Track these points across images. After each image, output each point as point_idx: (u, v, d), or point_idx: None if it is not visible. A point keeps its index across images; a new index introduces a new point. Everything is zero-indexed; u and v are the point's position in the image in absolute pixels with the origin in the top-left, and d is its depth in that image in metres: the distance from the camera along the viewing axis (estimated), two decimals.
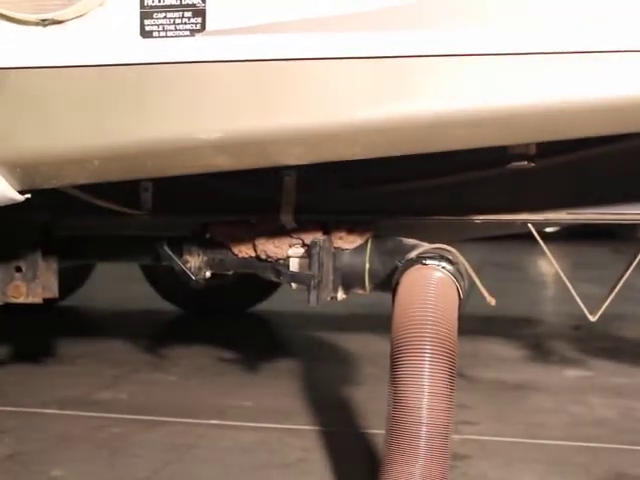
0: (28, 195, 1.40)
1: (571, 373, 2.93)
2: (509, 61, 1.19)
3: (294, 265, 1.77)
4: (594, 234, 7.61)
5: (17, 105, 1.31)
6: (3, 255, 1.92)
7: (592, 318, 1.79)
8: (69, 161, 1.32)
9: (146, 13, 1.26)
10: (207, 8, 1.25)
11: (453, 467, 1.83)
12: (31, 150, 1.31)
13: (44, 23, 1.28)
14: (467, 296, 1.62)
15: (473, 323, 3.61)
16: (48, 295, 1.98)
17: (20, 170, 1.34)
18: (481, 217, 1.79)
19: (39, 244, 1.93)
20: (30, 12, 1.27)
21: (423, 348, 1.40)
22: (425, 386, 1.38)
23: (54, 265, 1.97)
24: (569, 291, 1.81)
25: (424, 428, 1.36)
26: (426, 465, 1.35)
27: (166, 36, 1.26)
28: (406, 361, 1.41)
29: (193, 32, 1.25)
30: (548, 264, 6.34)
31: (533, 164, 1.62)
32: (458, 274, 1.57)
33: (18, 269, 1.92)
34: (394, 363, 1.43)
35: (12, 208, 1.42)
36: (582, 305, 1.79)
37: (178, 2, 1.25)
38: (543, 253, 1.83)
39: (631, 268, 1.86)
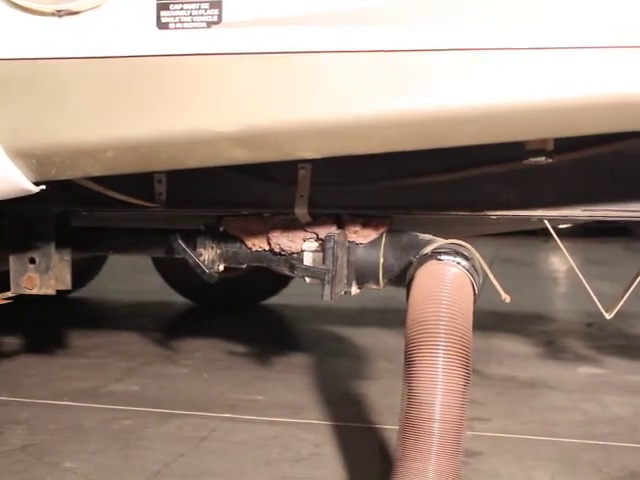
0: (43, 186, 1.40)
1: (585, 370, 2.92)
2: (522, 56, 1.17)
3: (308, 259, 1.76)
4: (607, 230, 7.57)
5: (32, 96, 1.30)
6: (17, 247, 1.93)
7: (608, 316, 1.77)
8: (84, 152, 1.32)
9: (163, 4, 1.25)
10: (224, 0, 1.24)
11: (465, 463, 1.82)
12: (46, 141, 1.31)
13: (60, 14, 1.27)
14: (480, 292, 1.61)
15: (486, 319, 3.59)
16: (61, 287, 1.98)
17: (35, 161, 1.33)
18: (497, 213, 1.77)
19: (53, 236, 1.93)
20: (46, 2, 1.27)
21: (437, 344, 1.39)
22: (439, 382, 1.37)
23: (67, 257, 1.97)
24: (582, 288, 1.79)
25: (437, 424, 1.36)
26: (439, 462, 1.34)
27: (182, 28, 1.25)
28: (420, 357, 1.40)
29: (210, 24, 1.24)
30: (560, 260, 6.31)
31: (550, 160, 1.60)
32: (473, 270, 1.56)
33: (32, 260, 1.93)
34: (408, 359, 1.42)
35: (27, 199, 1.42)
36: (598, 303, 1.77)
37: None
38: (554, 249, 1.82)
39: None
